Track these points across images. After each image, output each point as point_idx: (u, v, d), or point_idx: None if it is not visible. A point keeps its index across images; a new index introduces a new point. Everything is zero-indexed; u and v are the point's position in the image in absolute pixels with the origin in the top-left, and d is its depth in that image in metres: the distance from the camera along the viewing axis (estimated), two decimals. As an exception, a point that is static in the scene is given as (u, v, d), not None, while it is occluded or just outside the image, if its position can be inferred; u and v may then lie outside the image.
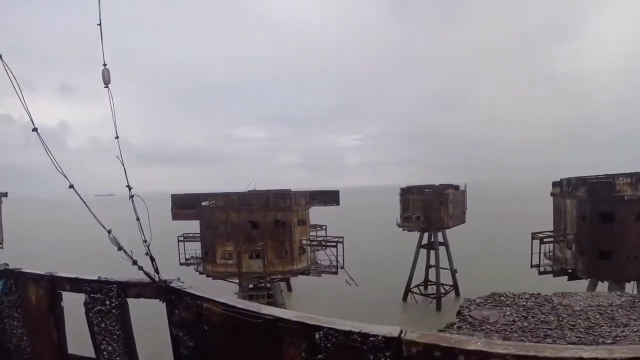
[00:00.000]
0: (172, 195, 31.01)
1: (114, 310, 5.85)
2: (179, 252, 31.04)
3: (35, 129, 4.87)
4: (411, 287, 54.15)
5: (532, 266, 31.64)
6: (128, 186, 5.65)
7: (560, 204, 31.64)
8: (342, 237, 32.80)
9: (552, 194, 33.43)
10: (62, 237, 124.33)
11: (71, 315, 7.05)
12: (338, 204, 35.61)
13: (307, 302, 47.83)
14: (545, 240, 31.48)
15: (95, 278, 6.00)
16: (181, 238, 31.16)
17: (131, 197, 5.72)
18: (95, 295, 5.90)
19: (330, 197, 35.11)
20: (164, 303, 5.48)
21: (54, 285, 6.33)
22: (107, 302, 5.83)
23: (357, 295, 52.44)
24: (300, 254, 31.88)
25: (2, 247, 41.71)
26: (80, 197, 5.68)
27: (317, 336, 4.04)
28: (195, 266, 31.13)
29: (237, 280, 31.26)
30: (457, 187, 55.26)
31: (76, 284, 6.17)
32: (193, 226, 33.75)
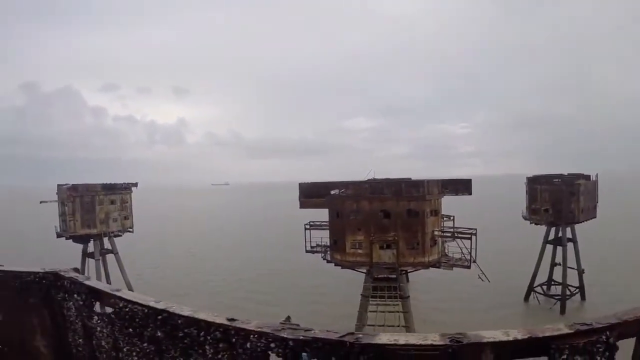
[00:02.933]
0: (300, 184, 30.20)
1: None
2: (304, 239, 30.18)
3: None
4: (534, 286, 49.28)
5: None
6: None
7: None
8: (476, 229, 29.94)
9: None
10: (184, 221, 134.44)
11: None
12: (470, 194, 32.71)
13: (427, 297, 45.25)
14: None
15: None
16: (307, 226, 30.25)
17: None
18: None
19: (461, 186, 32.29)
20: None
21: None
22: None
23: (475, 291, 48.83)
24: (431, 246, 29.56)
25: (132, 232, 44.73)
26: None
27: None
28: (322, 254, 30.08)
29: (364, 270, 29.86)
30: (587, 177, 49.06)
31: None
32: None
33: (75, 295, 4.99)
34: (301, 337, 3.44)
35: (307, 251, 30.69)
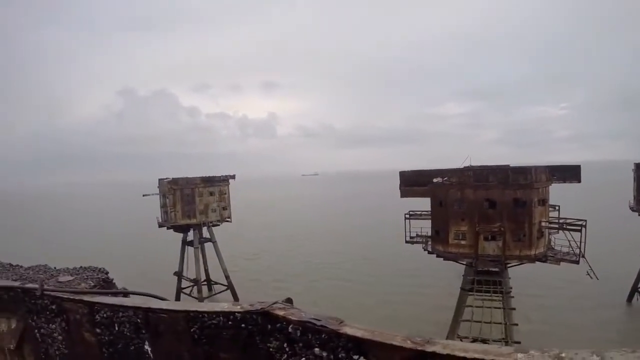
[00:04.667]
0: (401, 172, 29.94)
1: None
2: (404, 229, 29.93)
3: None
4: (638, 286, 45.36)
5: None
6: None
7: None
8: (585, 220, 27.99)
9: None
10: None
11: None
12: (579, 181, 30.67)
13: (520, 292, 43.37)
14: None
15: None
16: (407, 215, 29.96)
17: None
18: None
19: (569, 173, 30.34)
20: None
21: None
22: None
23: (571, 289, 46.09)
24: (538, 238, 28.05)
25: (230, 221, 47.13)
26: None
27: None
28: (423, 245, 29.67)
29: (464, 262, 29.10)
30: None
31: None
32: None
33: (317, 350, 3.15)
34: None
35: (406, 242, 30.39)
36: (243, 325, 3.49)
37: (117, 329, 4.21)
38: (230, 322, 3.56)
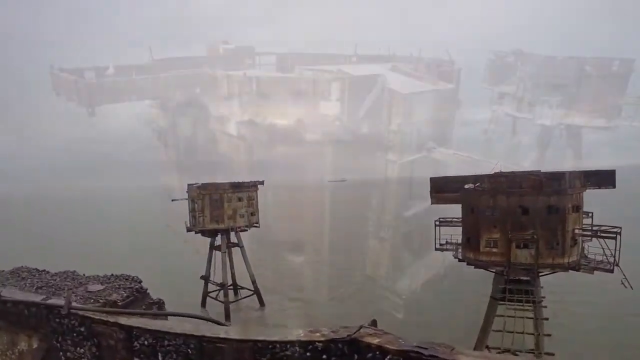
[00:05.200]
0: (431, 179, 29.99)
1: None
2: (434, 236, 29.89)
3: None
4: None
5: None
6: None
7: None
8: (620, 227, 27.49)
9: None
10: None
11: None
12: (614, 187, 30.16)
13: (550, 302, 42.73)
14: None
15: None
16: (437, 222, 29.93)
17: None
18: None
19: (604, 178, 29.81)
20: None
21: None
22: None
23: (604, 297, 45.01)
24: (571, 246, 27.62)
25: (258, 227, 47.82)
26: None
27: None
28: (453, 252, 29.57)
29: (494, 270, 28.83)
30: None
31: None
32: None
33: None
34: None
35: (436, 249, 30.33)
36: (325, 356, 2.74)
37: (161, 359, 3.41)
38: (308, 353, 2.81)
